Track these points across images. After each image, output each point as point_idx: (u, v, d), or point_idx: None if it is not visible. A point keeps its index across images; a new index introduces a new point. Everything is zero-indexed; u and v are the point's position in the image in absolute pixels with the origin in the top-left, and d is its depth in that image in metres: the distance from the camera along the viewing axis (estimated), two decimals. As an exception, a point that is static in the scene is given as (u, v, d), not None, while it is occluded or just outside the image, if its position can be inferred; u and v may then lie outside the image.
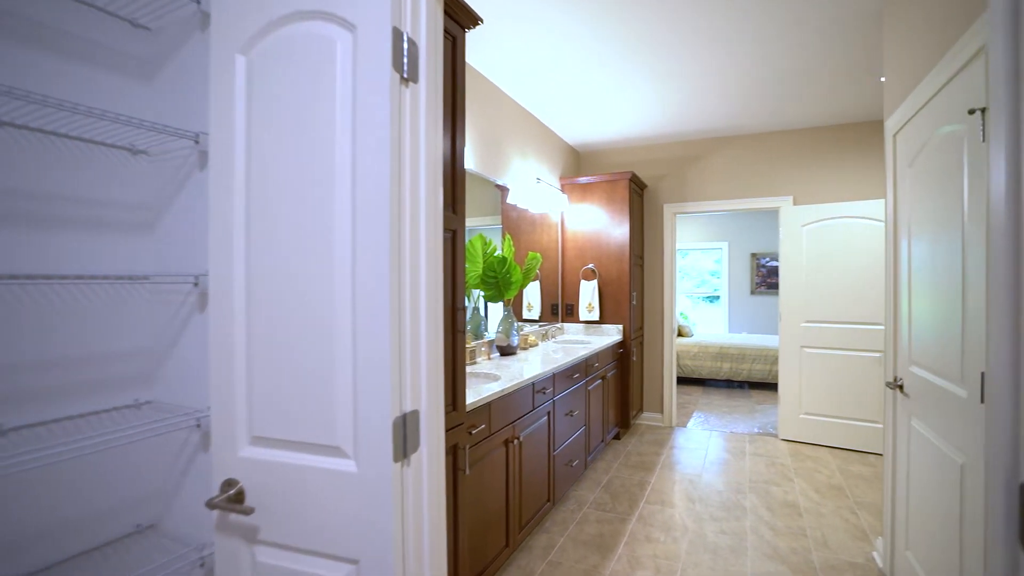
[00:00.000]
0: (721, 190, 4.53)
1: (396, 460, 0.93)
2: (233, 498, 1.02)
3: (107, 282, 1.37)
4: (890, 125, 2.29)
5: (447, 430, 1.65)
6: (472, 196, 3.22)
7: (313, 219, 0.97)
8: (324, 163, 0.96)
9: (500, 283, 3.09)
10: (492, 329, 3.36)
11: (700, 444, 4.13)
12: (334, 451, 0.97)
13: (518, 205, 3.71)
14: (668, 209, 4.72)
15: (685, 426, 4.67)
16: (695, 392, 6.08)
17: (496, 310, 3.45)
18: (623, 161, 4.89)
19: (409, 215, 0.97)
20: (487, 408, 2.07)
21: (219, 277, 1.05)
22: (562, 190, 4.46)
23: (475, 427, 1.97)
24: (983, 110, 1.41)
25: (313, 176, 0.97)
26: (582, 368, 3.27)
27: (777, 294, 8.46)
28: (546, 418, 2.70)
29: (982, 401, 1.41)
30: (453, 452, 1.70)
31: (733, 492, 3.18)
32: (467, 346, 2.81)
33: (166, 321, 1.45)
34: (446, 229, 1.64)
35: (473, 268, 3.09)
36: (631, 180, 4.28)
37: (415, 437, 0.98)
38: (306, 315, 0.97)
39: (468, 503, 1.92)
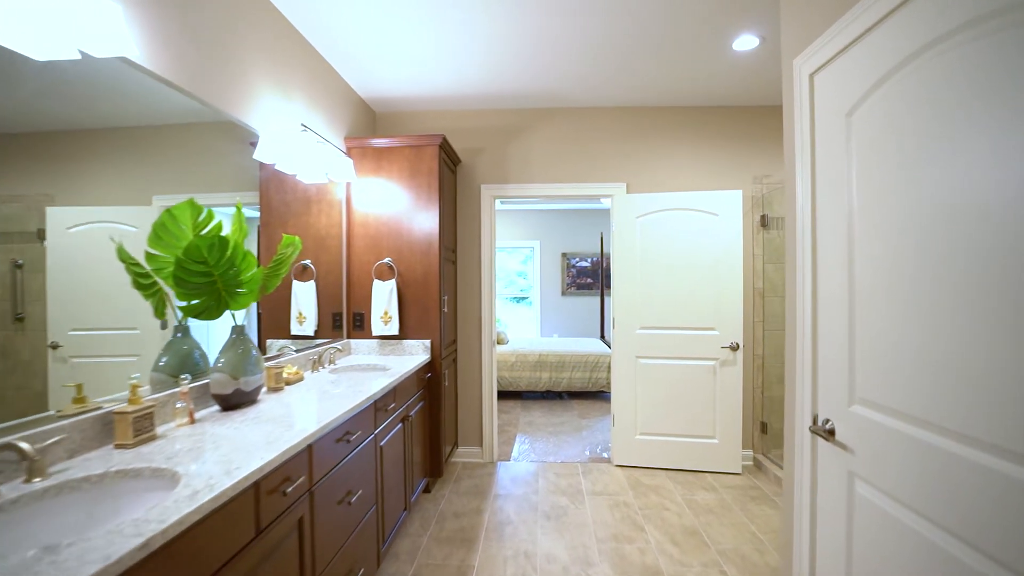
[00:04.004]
0: (547, 172, 3.79)
1: None
2: None
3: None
4: (803, 64, 1.64)
5: None
6: (196, 149, 1.78)
7: None
8: None
9: (220, 284, 1.75)
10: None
11: (529, 486, 3.30)
12: None
13: (276, 166, 2.37)
14: (486, 191, 3.81)
15: (509, 458, 3.82)
16: (514, 408, 5.35)
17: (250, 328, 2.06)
18: (433, 127, 3.83)
19: None
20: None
21: None
22: (348, 153, 3.21)
23: None
24: None
25: None
26: (369, 417, 2.11)
27: (588, 295, 8.38)
28: (295, 535, 1.48)
29: None
30: None
31: (582, 565, 2.36)
32: (140, 405, 1.42)
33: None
34: None
35: (171, 257, 1.70)
36: (441, 148, 3.24)
37: None
38: None
39: None
